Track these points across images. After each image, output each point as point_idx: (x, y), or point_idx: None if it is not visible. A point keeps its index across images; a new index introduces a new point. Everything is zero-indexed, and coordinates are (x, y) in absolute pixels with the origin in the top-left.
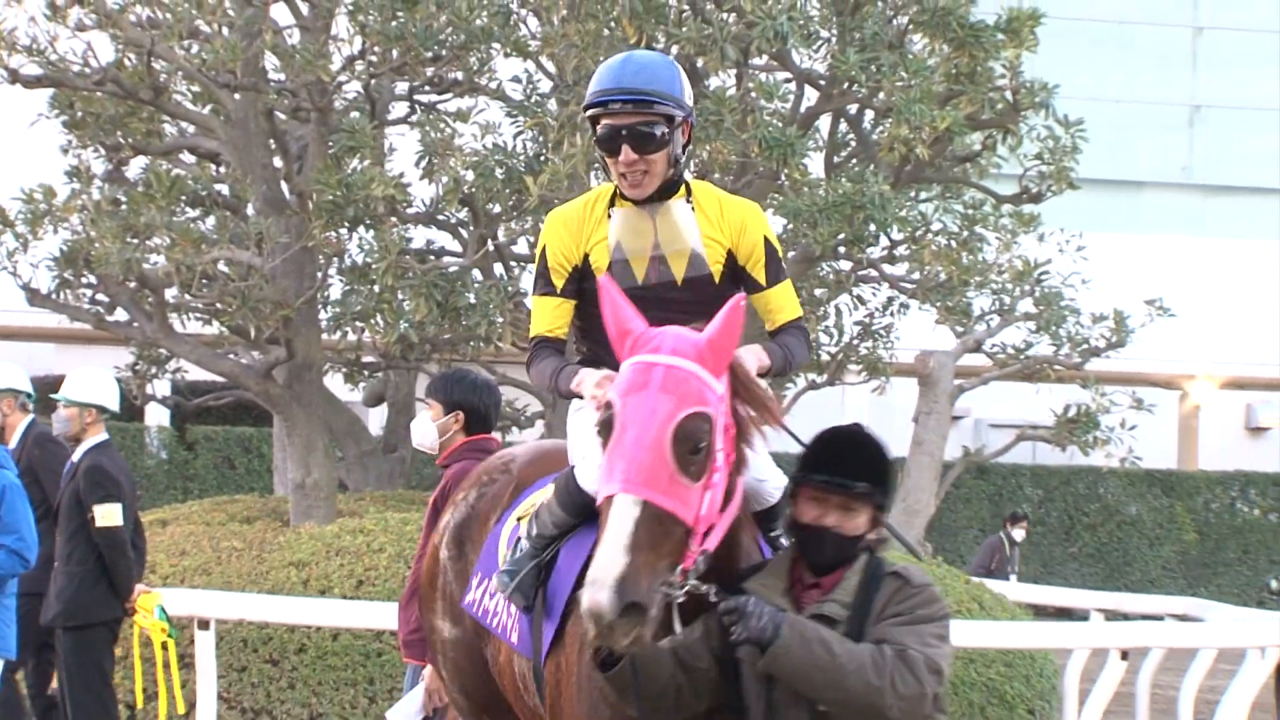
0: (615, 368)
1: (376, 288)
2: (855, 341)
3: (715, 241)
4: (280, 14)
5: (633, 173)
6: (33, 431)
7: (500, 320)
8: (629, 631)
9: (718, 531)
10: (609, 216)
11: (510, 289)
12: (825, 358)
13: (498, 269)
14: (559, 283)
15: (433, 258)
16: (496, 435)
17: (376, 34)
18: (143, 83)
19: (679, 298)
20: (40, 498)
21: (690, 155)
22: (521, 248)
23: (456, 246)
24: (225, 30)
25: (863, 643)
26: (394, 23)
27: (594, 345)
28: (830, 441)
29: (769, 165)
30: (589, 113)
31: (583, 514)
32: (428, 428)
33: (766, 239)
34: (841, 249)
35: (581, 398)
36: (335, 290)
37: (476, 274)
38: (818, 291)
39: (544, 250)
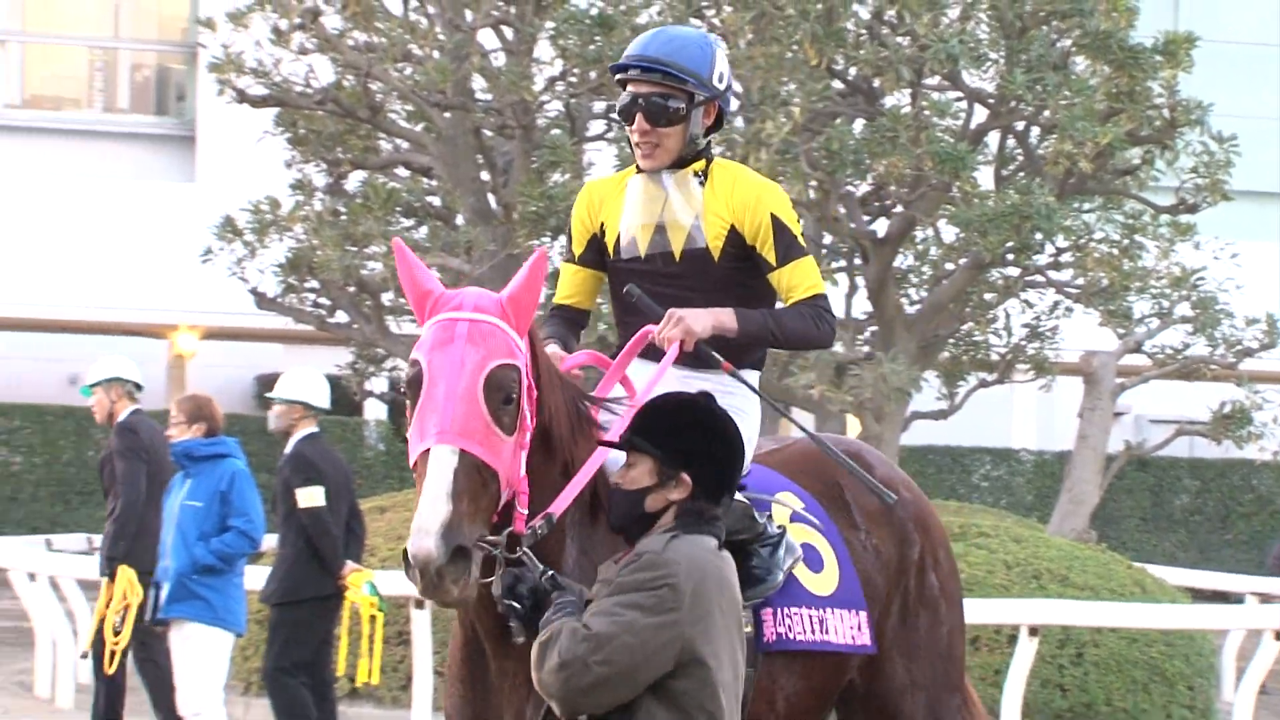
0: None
1: None
2: (1023, 343)
3: (718, 217)
4: (487, 38)
5: (645, 143)
6: (127, 419)
7: None
8: (456, 579)
9: (563, 499)
10: (627, 186)
11: None
12: (995, 358)
13: None
14: (578, 250)
15: None
16: None
17: (576, 57)
18: (360, 102)
19: (676, 271)
20: (113, 479)
21: (866, 169)
22: None
23: None
24: (436, 54)
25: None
26: (592, 46)
27: (619, 330)
28: (647, 407)
29: (941, 178)
30: (617, 78)
31: None
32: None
33: (775, 216)
34: (1010, 256)
35: None
36: (541, 294)
37: None
38: (987, 296)
39: (571, 218)
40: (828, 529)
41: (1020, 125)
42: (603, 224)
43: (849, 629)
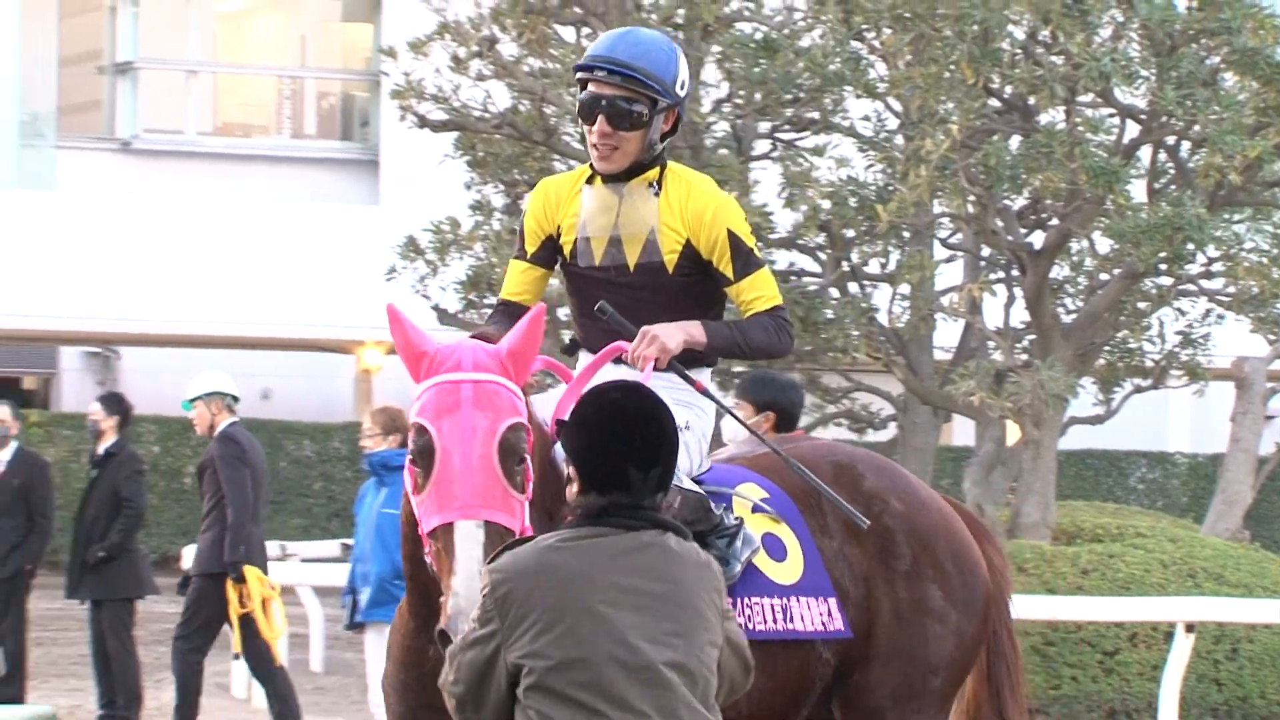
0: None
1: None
2: (1176, 349)
3: (673, 231)
4: None
5: (605, 145)
6: (227, 429)
7: (855, 333)
8: None
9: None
10: (582, 192)
11: (864, 305)
12: (1149, 364)
13: (852, 288)
14: (531, 248)
15: (794, 278)
16: (801, 431)
17: (742, 79)
18: (536, 125)
19: (630, 282)
20: (215, 488)
21: (1023, 184)
22: (873, 268)
23: (815, 268)
24: None
25: None
26: (757, 69)
27: (576, 332)
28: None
29: (1095, 192)
30: (578, 75)
31: None
32: (739, 428)
33: (731, 232)
34: (1162, 266)
35: None
36: None
37: (833, 292)
38: (1141, 305)
39: (524, 215)
40: (793, 520)
41: (1171, 140)
42: (559, 226)
43: (817, 615)
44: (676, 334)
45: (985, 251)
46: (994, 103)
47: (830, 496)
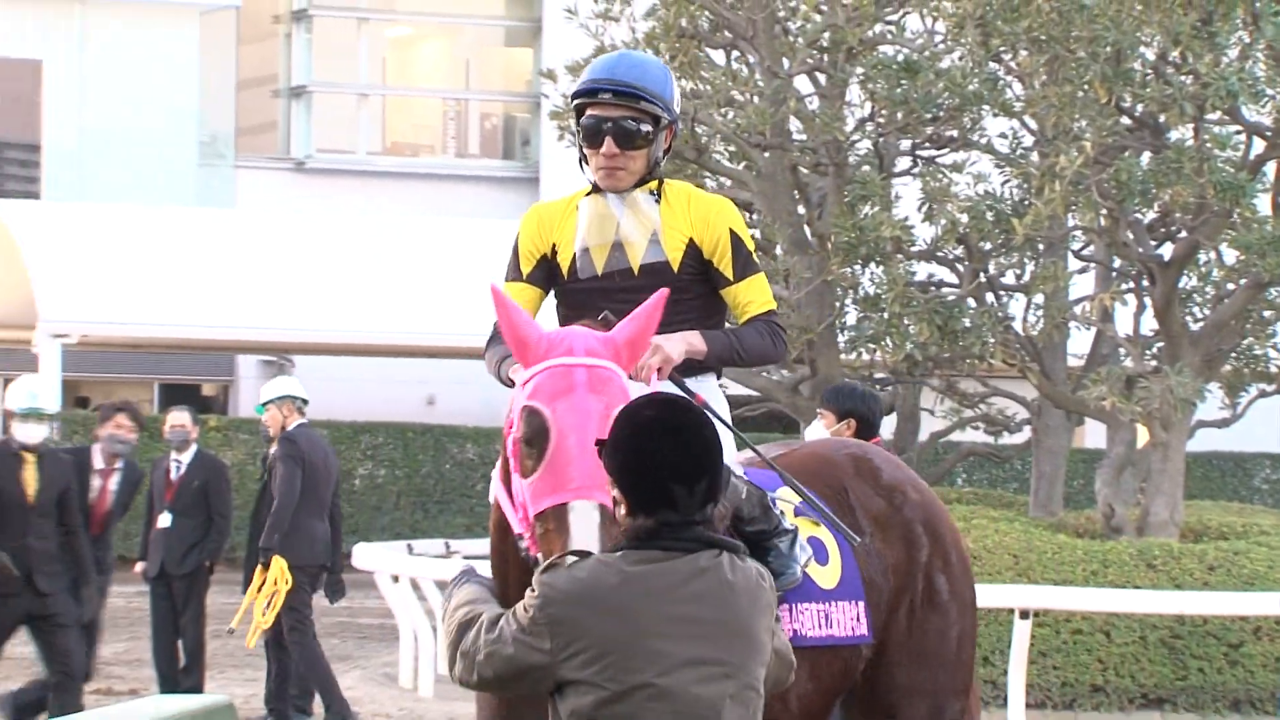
0: None
1: (886, 314)
2: None
3: (677, 231)
4: (802, 84)
5: (612, 166)
6: (292, 431)
7: (992, 340)
8: None
9: None
10: (578, 209)
11: (1000, 314)
12: (1274, 370)
13: (989, 297)
14: (527, 269)
15: (933, 288)
16: (879, 439)
17: (884, 99)
18: (687, 144)
19: (635, 286)
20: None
21: (1153, 198)
22: (1009, 279)
23: (953, 278)
24: (756, 99)
25: None
26: (899, 89)
27: None
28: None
29: (1222, 205)
30: (576, 102)
31: None
32: (823, 434)
33: (733, 232)
34: None
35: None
36: (851, 317)
37: (971, 302)
38: (1266, 313)
39: (518, 238)
40: (829, 522)
41: None
42: (554, 245)
43: (849, 620)
44: (679, 344)
45: (1116, 263)
46: (1125, 120)
47: (820, 509)
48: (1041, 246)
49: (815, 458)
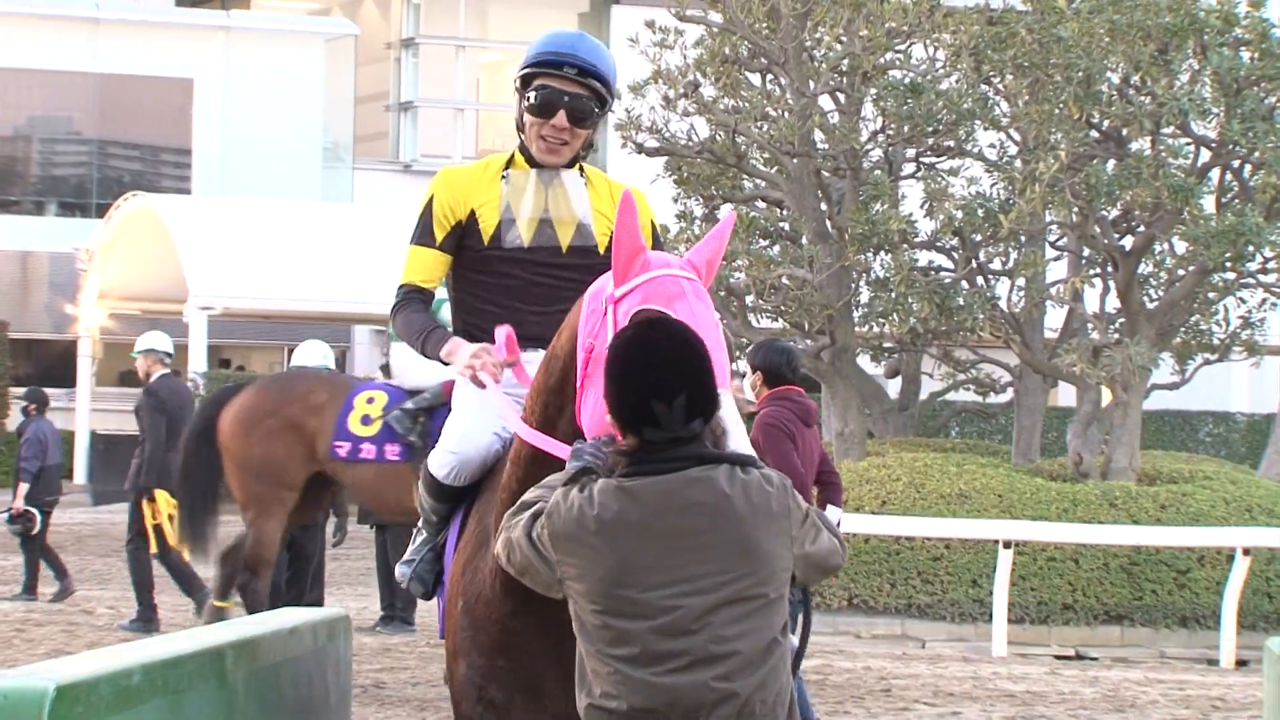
0: (490, 341)
1: (893, 294)
2: (1238, 330)
3: (604, 216)
4: (825, 102)
5: (556, 139)
6: (154, 381)
7: (981, 316)
8: None
9: None
10: (503, 179)
11: (988, 295)
12: (1216, 342)
13: (979, 280)
14: (440, 235)
15: (933, 273)
16: (787, 387)
17: (893, 115)
18: (729, 152)
19: (561, 263)
20: (141, 426)
21: (1116, 199)
22: (996, 265)
23: (950, 264)
24: (786, 114)
25: None
26: (905, 107)
27: (469, 317)
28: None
29: (1175, 205)
30: (530, 69)
31: (450, 499)
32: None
33: (653, 221)
34: (1228, 264)
35: (446, 364)
36: (864, 296)
37: (964, 284)
38: (1210, 295)
39: (430, 202)
40: None
41: (1236, 164)
42: (472, 211)
43: None
44: None
45: (1086, 252)
46: (1094, 134)
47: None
48: (1023, 238)
49: None
